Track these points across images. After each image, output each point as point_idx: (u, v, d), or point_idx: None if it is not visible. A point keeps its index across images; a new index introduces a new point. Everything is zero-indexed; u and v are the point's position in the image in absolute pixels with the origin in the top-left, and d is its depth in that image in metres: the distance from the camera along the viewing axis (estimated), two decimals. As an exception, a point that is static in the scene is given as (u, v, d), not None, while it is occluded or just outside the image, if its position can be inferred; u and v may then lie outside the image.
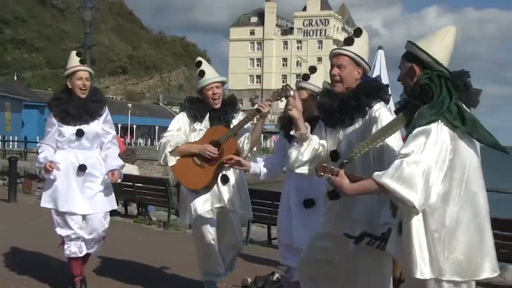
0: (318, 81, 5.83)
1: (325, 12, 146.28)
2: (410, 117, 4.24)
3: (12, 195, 17.41)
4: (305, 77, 5.96)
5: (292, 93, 5.08)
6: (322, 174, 4.31)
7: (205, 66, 6.75)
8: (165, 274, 8.75)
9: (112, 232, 10.05)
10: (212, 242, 6.74)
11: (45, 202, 7.12)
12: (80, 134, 6.97)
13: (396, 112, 4.50)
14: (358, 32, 5.13)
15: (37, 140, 45.75)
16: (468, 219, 4.10)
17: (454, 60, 4.40)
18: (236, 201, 6.72)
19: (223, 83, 6.77)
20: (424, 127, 4.01)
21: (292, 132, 5.12)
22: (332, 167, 4.30)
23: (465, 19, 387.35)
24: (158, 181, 14.50)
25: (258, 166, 6.23)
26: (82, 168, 6.98)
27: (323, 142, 5.09)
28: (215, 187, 6.63)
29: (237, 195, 6.73)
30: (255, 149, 6.73)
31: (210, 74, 6.67)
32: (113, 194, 7.28)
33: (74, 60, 7.11)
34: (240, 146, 6.51)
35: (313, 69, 6.03)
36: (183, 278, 8.38)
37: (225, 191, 6.66)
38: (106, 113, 7.20)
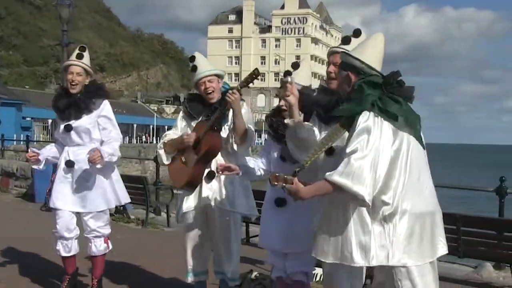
0: (300, 78, 5.68)
1: (303, 10, 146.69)
2: (352, 121, 4.38)
3: (-11, 192, 17.34)
4: (287, 74, 5.63)
5: (289, 79, 5.07)
6: (275, 183, 4.35)
7: (198, 60, 6.47)
8: (143, 272, 8.73)
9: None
10: (196, 241, 6.65)
11: (50, 200, 7.10)
12: (67, 129, 6.84)
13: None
14: (357, 33, 5.18)
15: (14, 138, 45.75)
16: (412, 206, 4.29)
17: (433, 59, 4.53)
18: (225, 198, 6.44)
19: (218, 76, 6.49)
20: (365, 124, 4.21)
21: (286, 120, 5.11)
22: (285, 175, 4.35)
23: (443, 18, 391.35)
24: (136, 179, 14.46)
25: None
26: (68, 164, 6.87)
27: (317, 132, 5.15)
28: (202, 184, 6.46)
29: (227, 193, 6.45)
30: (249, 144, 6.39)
31: (202, 68, 6.43)
32: (110, 192, 7.05)
33: (73, 55, 7.02)
34: (229, 141, 6.33)
35: (295, 65, 5.82)
36: (162, 275, 8.38)
37: (211, 188, 6.46)
38: (100, 108, 6.93)
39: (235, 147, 6.34)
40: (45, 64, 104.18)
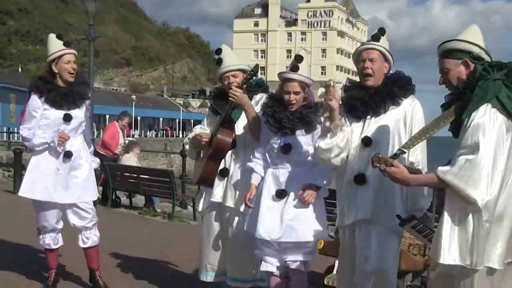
0: (304, 70, 5.62)
1: (329, 3, 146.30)
2: (461, 111, 4.23)
3: (17, 186, 17.43)
4: (295, 69, 5.59)
5: (331, 83, 5.08)
6: (377, 164, 4.34)
7: (224, 53, 6.22)
8: (170, 265, 8.74)
9: (117, 224, 9.99)
10: (214, 240, 6.43)
11: (24, 191, 6.79)
12: (67, 118, 6.62)
13: (443, 107, 4.52)
14: (382, 31, 5.33)
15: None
16: None
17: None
18: (238, 199, 6.17)
19: (243, 71, 6.15)
20: (480, 120, 4.05)
21: (327, 124, 5.12)
22: (387, 158, 4.35)
23: (471, 10, 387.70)
24: (163, 173, 14.50)
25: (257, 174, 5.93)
26: (68, 155, 6.66)
27: (349, 129, 5.21)
28: (216, 181, 6.27)
29: (240, 193, 6.14)
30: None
31: (227, 62, 6.17)
32: (94, 183, 6.98)
33: (57, 44, 6.68)
34: (246, 136, 6.15)
35: (300, 58, 5.63)
36: (188, 268, 8.37)
37: (224, 187, 6.25)
38: (88, 100, 6.92)
39: (252, 141, 6.11)
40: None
